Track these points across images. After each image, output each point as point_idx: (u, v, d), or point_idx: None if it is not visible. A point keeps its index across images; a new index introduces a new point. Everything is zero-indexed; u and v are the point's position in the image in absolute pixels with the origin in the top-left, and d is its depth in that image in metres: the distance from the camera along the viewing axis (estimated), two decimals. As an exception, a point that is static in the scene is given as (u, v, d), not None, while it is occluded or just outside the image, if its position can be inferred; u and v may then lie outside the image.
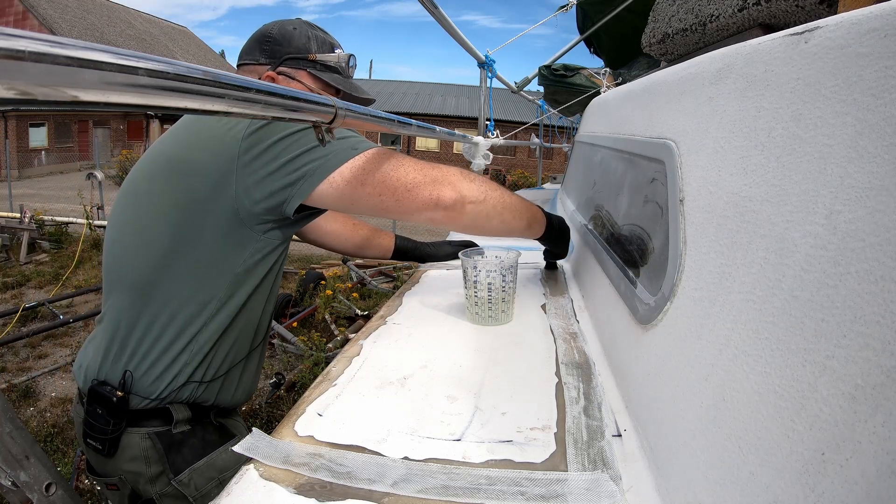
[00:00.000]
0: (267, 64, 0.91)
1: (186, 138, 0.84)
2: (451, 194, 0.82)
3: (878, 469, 0.25)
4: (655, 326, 0.59)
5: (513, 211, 0.92)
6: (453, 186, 0.83)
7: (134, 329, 0.80)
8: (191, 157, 0.80)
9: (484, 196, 0.86)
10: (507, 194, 0.93)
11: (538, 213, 1.02)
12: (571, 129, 6.03)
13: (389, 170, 0.80)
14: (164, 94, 0.31)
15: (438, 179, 0.82)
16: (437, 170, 0.84)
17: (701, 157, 0.57)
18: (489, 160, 2.06)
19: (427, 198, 0.81)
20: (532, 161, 20.21)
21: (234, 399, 0.89)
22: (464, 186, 0.84)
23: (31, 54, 0.23)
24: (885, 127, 0.30)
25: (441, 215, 0.83)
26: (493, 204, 0.88)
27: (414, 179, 0.81)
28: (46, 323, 4.03)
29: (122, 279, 0.83)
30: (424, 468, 0.51)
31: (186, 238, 0.79)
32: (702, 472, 0.41)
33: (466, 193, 0.84)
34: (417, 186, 0.80)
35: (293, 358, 3.40)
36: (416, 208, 0.82)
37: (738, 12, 0.81)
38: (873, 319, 0.28)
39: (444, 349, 0.82)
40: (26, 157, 16.03)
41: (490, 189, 0.89)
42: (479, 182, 0.88)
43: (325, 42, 0.95)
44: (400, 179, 0.80)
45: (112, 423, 0.78)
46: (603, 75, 3.17)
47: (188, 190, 0.79)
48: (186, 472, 0.81)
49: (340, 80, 0.95)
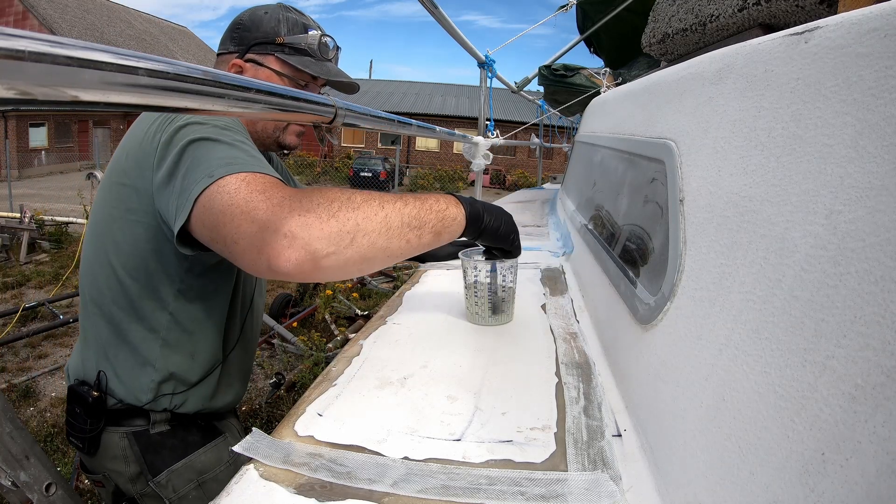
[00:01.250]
0: (235, 52, 0.87)
1: (125, 145, 0.79)
2: (290, 255, 0.56)
3: (878, 469, 0.25)
4: (655, 326, 0.59)
5: (406, 232, 0.66)
6: (293, 239, 0.56)
7: (98, 335, 0.80)
8: (123, 166, 0.76)
9: (351, 238, 0.59)
10: (394, 211, 0.65)
11: (447, 208, 0.72)
12: (571, 129, 6.03)
13: (220, 212, 0.59)
14: (164, 94, 0.31)
15: (269, 228, 0.56)
16: (276, 209, 0.57)
17: (701, 156, 0.57)
18: (489, 160, 2.06)
19: (254, 260, 0.58)
20: (532, 161, 20.21)
21: (217, 403, 0.88)
22: (314, 234, 0.57)
23: (31, 54, 0.23)
24: (885, 127, 0.30)
25: (284, 278, 0.59)
26: (370, 241, 0.61)
27: (238, 229, 0.58)
28: (46, 323, 4.02)
29: (86, 288, 0.83)
30: (424, 468, 0.51)
31: (123, 250, 0.77)
32: (702, 472, 0.41)
33: (318, 246, 0.57)
34: (242, 238, 0.57)
35: (293, 358, 3.40)
36: (247, 269, 0.60)
37: (738, 12, 0.81)
38: (873, 319, 0.28)
39: (444, 349, 0.82)
40: (26, 157, 16.02)
41: (364, 218, 0.61)
42: (347, 213, 0.60)
43: (296, 24, 0.88)
44: (225, 227, 0.59)
45: (90, 422, 0.78)
46: (603, 75, 3.17)
47: (121, 200, 0.76)
48: (164, 474, 0.80)
49: (310, 63, 0.87)
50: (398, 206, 0.66)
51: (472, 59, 2.23)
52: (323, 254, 0.57)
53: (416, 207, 0.68)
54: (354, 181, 15.57)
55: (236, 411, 1.02)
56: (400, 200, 0.67)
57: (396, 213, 0.65)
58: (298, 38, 0.86)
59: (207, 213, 0.60)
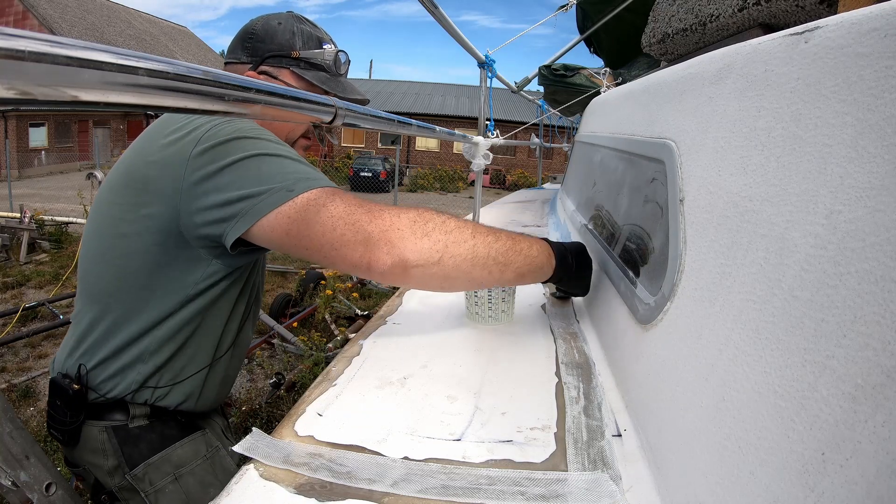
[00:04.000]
0: (248, 62, 0.87)
1: (143, 148, 0.79)
2: (387, 259, 0.67)
3: (878, 469, 0.25)
4: (655, 326, 0.59)
5: (488, 266, 0.73)
6: (391, 248, 0.67)
7: (92, 332, 0.80)
8: (142, 172, 0.77)
9: (439, 256, 0.69)
10: (485, 244, 0.73)
11: (539, 257, 0.79)
12: (571, 129, 6.03)
13: (316, 223, 0.68)
14: (164, 94, 0.31)
15: (373, 238, 0.67)
16: (376, 222, 0.68)
17: (701, 157, 0.57)
18: (489, 160, 2.06)
19: (357, 261, 0.68)
20: (532, 161, 20.21)
21: (199, 405, 0.88)
22: (407, 248, 0.67)
23: (31, 54, 0.23)
24: (885, 127, 0.30)
25: (378, 279, 0.70)
26: (455, 264, 0.70)
27: (342, 237, 0.68)
28: (46, 323, 4.02)
29: (85, 284, 0.83)
30: (424, 468, 0.51)
31: (135, 253, 0.77)
32: (702, 472, 0.41)
33: (410, 257, 0.67)
34: (346, 245, 0.68)
35: (293, 358, 3.40)
36: (346, 269, 0.70)
37: (738, 12, 0.81)
38: (873, 319, 0.28)
39: (444, 349, 0.82)
40: (26, 157, 16.03)
41: (453, 243, 0.70)
42: (437, 236, 0.69)
43: (311, 37, 0.89)
44: (326, 236, 0.68)
45: (69, 415, 0.79)
46: (603, 75, 3.17)
47: (138, 204, 0.76)
48: (141, 467, 0.80)
49: (326, 79, 0.89)
50: (489, 239, 0.74)
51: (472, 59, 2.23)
52: (413, 264, 0.68)
53: (506, 246, 0.75)
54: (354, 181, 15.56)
55: (223, 409, 1.01)
56: (492, 234, 0.75)
57: (485, 245, 0.73)
58: (315, 53, 0.88)
59: (293, 223, 0.68)
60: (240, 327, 0.91)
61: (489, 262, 0.73)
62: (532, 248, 0.79)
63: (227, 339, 0.89)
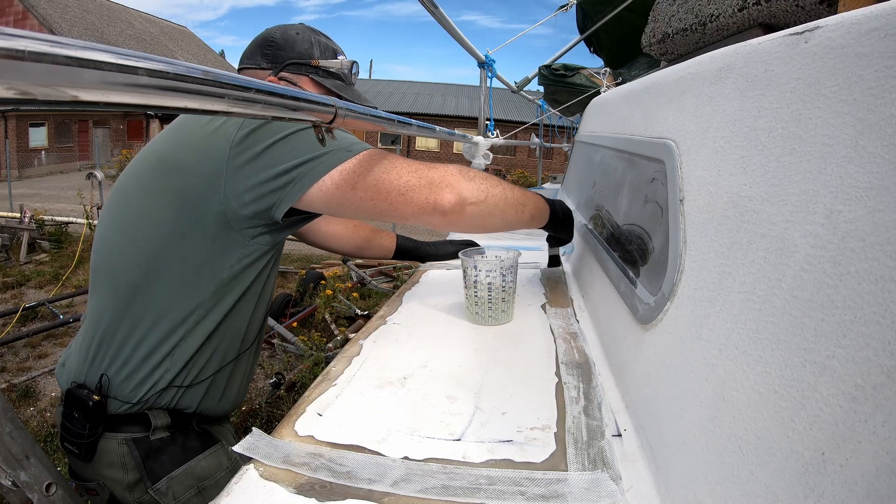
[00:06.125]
0: (269, 68, 0.90)
1: (177, 138, 0.82)
2: (450, 197, 0.78)
3: (878, 469, 0.25)
4: (655, 326, 0.59)
5: (515, 206, 0.90)
6: (452, 189, 0.79)
7: (116, 332, 0.79)
8: (180, 158, 0.79)
9: (485, 195, 0.83)
10: (509, 189, 0.90)
11: (540, 202, 0.99)
12: (571, 129, 6.03)
13: (382, 173, 0.77)
14: (164, 94, 0.31)
15: (435, 182, 0.79)
16: (434, 170, 0.80)
17: (701, 156, 0.57)
18: (489, 160, 2.06)
19: (423, 202, 0.78)
20: (532, 161, 20.20)
21: (220, 407, 0.87)
22: (463, 187, 0.80)
23: (31, 54, 0.23)
24: (885, 127, 0.30)
25: (439, 220, 0.80)
26: (495, 202, 0.85)
27: (408, 183, 0.77)
28: (46, 323, 4.02)
29: (108, 279, 0.82)
30: (424, 468, 0.51)
31: (172, 240, 0.77)
32: (702, 472, 0.41)
33: (466, 195, 0.80)
34: (412, 190, 0.77)
35: (293, 358, 3.40)
36: (411, 213, 0.78)
37: (738, 12, 0.81)
38: (873, 319, 0.28)
39: (444, 349, 0.82)
40: (26, 157, 16.02)
41: (491, 186, 0.85)
42: (479, 180, 0.84)
43: (327, 48, 0.95)
44: (393, 183, 0.77)
45: (88, 428, 0.77)
46: (603, 75, 3.17)
47: (176, 191, 0.77)
48: (164, 481, 0.79)
49: (342, 87, 0.94)
50: (507, 185, 0.91)
51: (472, 59, 2.23)
52: (469, 202, 0.81)
53: (520, 191, 0.94)
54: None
55: (230, 417, 1.01)
56: (506, 183, 0.92)
57: (510, 189, 0.90)
58: (332, 62, 0.93)
59: (358, 176, 0.76)
60: (263, 319, 0.93)
61: (515, 202, 0.90)
62: (534, 195, 0.98)
63: (252, 333, 0.90)
